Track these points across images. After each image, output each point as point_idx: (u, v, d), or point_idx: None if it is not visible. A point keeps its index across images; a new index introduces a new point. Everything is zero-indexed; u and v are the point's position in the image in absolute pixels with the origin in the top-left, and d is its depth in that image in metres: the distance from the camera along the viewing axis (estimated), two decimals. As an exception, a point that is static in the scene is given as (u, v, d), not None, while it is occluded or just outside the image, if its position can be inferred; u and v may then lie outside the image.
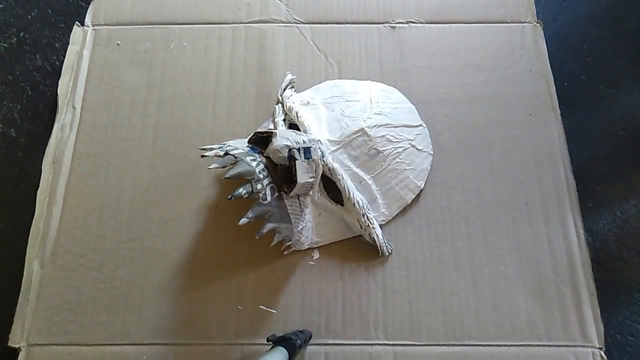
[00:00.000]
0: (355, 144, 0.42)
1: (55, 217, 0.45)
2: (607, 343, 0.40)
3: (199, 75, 0.51)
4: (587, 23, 0.55)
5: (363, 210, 0.41)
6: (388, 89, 0.48)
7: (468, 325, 0.41)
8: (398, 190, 0.43)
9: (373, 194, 0.42)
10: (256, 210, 0.32)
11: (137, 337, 0.40)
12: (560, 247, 0.43)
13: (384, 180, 0.43)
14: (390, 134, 0.43)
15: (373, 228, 0.41)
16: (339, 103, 0.45)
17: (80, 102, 0.50)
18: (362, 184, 0.42)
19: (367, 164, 0.42)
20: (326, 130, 0.44)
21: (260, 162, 0.33)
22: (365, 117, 0.43)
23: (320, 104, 0.46)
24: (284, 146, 0.33)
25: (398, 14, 0.53)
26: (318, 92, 0.48)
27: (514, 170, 0.46)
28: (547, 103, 0.49)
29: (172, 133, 0.48)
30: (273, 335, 0.38)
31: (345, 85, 0.48)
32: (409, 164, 0.44)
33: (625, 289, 0.44)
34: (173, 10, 0.54)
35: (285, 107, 0.46)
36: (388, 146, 0.43)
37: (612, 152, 0.49)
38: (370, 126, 0.42)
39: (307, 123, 0.43)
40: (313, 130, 0.43)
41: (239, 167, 0.32)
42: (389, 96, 0.47)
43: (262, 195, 0.33)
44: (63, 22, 0.55)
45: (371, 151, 0.42)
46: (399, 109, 0.46)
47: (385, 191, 0.43)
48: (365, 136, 0.42)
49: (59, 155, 0.47)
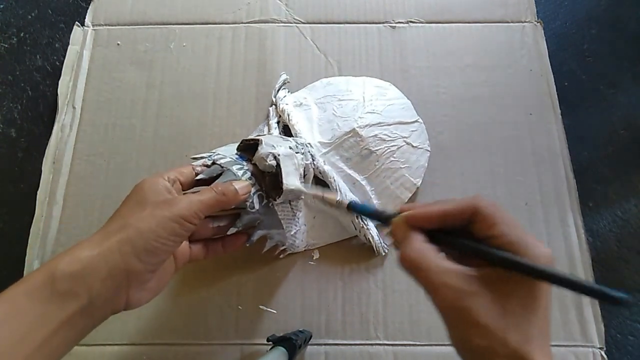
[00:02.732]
0: (346, 145, 0.42)
1: (55, 217, 0.45)
2: (608, 343, 0.40)
3: (199, 75, 0.51)
4: (587, 23, 0.55)
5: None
6: (383, 84, 0.48)
7: (468, 325, 0.41)
8: (394, 189, 0.43)
9: (367, 194, 0.42)
10: (244, 219, 0.32)
11: (137, 337, 0.40)
12: (560, 247, 0.43)
13: (378, 180, 0.42)
14: (383, 133, 0.42)
15: (368, 229, 0.41)
16: (331, 103, 0.44)
17: (80, 102, 0.50)
18: (355, 185, 0.42)
19: (359, 164, 0.42)
20: (317, 132, 0.43)
21: (247, 171, 0.33)
22: (357, 116, 0.42)
23: (313, 104, 0.46)
24: (269, 154, 0.33)
25: (398, 13, 0.53)
26: (312, 91, 0.47)
27: (514, 170, 0.46)
28: (547, 103, 0.49)
29: (172, 133, 0.48)
30: (273, 335, 0.38)
31: (340, 83, 0.47)
32: (404, 162, 0.43)
33: (626, 289, 0.44)
34: (173, 10, 0.54)
35: (278, 109, 0.46)
36: (381, 145, 0.42)
37: (612, 152, 0.49)
38: (361, 126, 0.41)
39: (298, 126, 0.43)
40: (304, 133, 0.43)
41: (224, 177, 0.31)
42: (383, 92, 0.46)
43: (250, 203, 0.32)
44: (63, 22, 0.55)
45: (363, 151, 0.41)
46: (394, 105, 0.45)
47: (380, 191, 0.42)
48: (357, 137, 0.41)
49: (59, 155, 0.47)
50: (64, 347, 0.23)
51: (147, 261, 0.25)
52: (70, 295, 0.22)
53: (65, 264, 0.23)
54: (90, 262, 0.23)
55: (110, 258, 0.24)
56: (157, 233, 0.25)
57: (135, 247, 0.24)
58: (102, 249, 0.24)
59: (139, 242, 0.24)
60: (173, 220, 0.25)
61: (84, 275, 0.23)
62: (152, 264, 0.25)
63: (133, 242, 0.24)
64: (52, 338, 0.22)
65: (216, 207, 0.28)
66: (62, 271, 0.23)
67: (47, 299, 0.22)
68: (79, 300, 0.23)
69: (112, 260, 0.24)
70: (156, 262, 0.25)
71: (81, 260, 0.23)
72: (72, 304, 0.22)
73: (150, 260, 0.25)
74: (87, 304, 0.23)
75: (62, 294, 0.22)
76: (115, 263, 0.24)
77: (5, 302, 0.22)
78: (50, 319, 0.22)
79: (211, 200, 0.28)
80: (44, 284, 0.22)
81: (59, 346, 0.22)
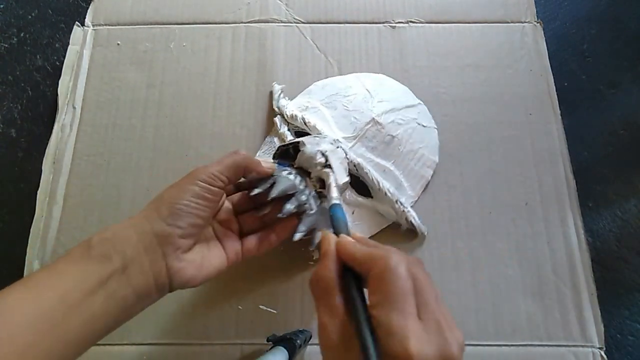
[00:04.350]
0: (369, 135, 0.42)
1: (55, 217, 0.45)
2: (607, 343, 0.40)
3: (199, 75, 0.51)
4: (587, 23, 0.55)
5: (395, 197, 0.41)
6: (376, 76, 0.48)
7: (468, 325, 0.41)
8: (418, 169, 0.44)
9: (398, 178, 0.43)
10: (306, 222, 0.32)
11: (137, 337, 0.40)
12: (560, 247, 0.43)
13: (404, 163, 0.43)
14: (398, 118, 0.43)
15: (408, 212, 0.42)
16: (338, 100, 0.45)
17: (80, 102, 0.50)
18: (385, 172, 0.42)
19: (385, 151, 0.43)
20: (336, 128, 0.43)
21: (296, 175, 0.33)
22: (371, 107, 0.43)
23: (320, 106, 0.46)
24: (316, 151, 0.33)
25: (398, 13, 0.53)
26: (311, 95, 0.47)
27: (514, 170, 0.46)
28: (547, 103, 0.49)
29: (172, 133, 0.48)
30: (273, 335, 0.38)
31: (335, 82, 0.48)
32: (421, 142, 0.44)
33: (626, 289, 0.44)
34: (173, 10, 0.54)
35: (287, 116, 0.45)
36: (399, 129, 0.43)
37: (612, 152, 0.49)
38: (378, 114, 0.43)
39: (319, 126, 0.43)
40: (325, 131, 0.43)
41: (280, 184, 0.31)
42: (381, 83, 0.47)
43: (309, 205, 0.32)
44: (63, 22, 0.55)
45: (386, 138, 0.42)
46: (396, 92, 0.47)
47: (407, 173, 0.43)
48: (377, 125, 0.42)
49: (59, 155, 0.47)
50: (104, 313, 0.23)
51: (174, 224, 0.26)
52: (104, 258, 0.24)
53: (99, 233, 0.25)
54: (122, 230, 0.25)
55: (139, 225, 0.26)
56: (179, 196, 0.26)
57: (160, 213, 0.26)
58: (132, 220, 0.26)
59: (163, 207, 0.26)
60: (192, 184, 0.27)
61: (115, 241, 0.24)
62: (181, 227, 0.26)
63: (158, 209, 0.26)
64: (91, 298, 0.22)
65: (234, 167, 0.29)
66: (96, 239, 0.24)
67: (84, 263, 0.23)
68: (112, 262, 0.24)
69: (141, 226, 0.25)
70: (184, 226, 0.26)
71: (114, 230, 0.25)
72: (106, 265, 0.23)
73: (176, 223, 0.26)
74: (121, 267, 0.24)
75: (96, 257, 0.24)
76: (144, 228, 0.25)
77: (48, 269, 0.23)
78: (86, 279, 0.23)
79: (228, 160, 0.29)
80: (81, 252, 0.24)
81: (99, 311, 0.23)
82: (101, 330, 0.23)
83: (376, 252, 0.21)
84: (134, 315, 0.26)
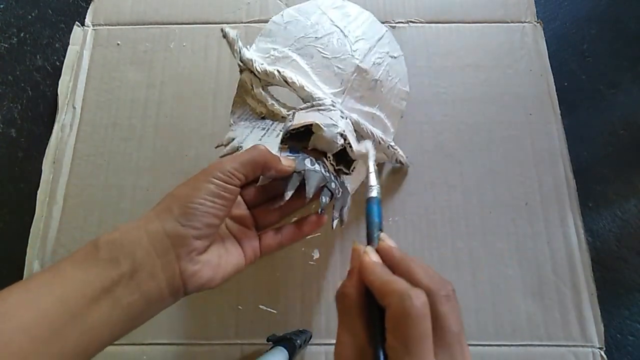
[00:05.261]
0: (356, 85, 0.38)
1: (55, 217, 0.45)
2: (607, 343, 0.40)
3: (199, 75, 0.51)
4: (587, 23, 0.55)
5: (387, 142, 0.40)
6: (337, 3, 0.42)
7: (468, 325, 0.41)
8: (395, 104, 0.41)
9: (383, 121, 0.40)
10: (337, 206, 0.31)
11: (137, 337, 0.41)
12: (560, 247, 0.43)
13: (386, 104, 0.41)
14: (375, 57, 0.39)
15: (397, 151, 0.42)
16: (312, 46, 0.39)
17: (80, 102, 0.50)
18: (374, 119, 0.39)
19: (371, 97, 0.39)
20: (321, 83, 0.38)
21: (315, 162, 0.30)
22: (350, 51, 0.38)
23: (290, 53, 0.39)
24: (336, 135, 0.30)
25: (398, 13, 0.53)
26: (275, 38, 0.40)
27: (514, 170, 0.46)
28: (547, 103, 0.49)
29: (172, 133, 0.48)
30: (273, 335, 0.38)
31: (298, 19, 0.40)
32: (395, 76, 0.41)
33: (626, 289, 0.44)
34: (173, 10, 0.54)
35: (257, 72, 0.38)
36: (380, 70, 0.39)
37: (612, 152, 0.49)
38: (361, 60, 0.38)
39: (300, 82, 0.37)
40: (310, 88, 0.37)
41: (312, 181, 0.29)
42: (346, 13, 0.41)
43: (337, 191, 0.31)
44: (63, 22, 0.55)
45: (371, 84, 0.39)
46: (364, 23, 0.41)
47: (389, 113, 0.41)
48: (362, 73, 0.38)
49: (59, 155, 0.47)
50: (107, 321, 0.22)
51: (188, 225, 0.24)
52: (112, 261, 0.22)
53: (107, 234, 0.23)
54: (131, 231, 0.23)
55: (150, 225, 0.23)
56: (193, 195, 0.24)
57: (173, 212, 0.24)
58: (143, 220, 0.24)
59: (176, 207, 0.24)
60: (206, 181, 0.25)
61: (124, 242, 0.23)
62: (195, 227, 0.24)
63: (171, 209, 0.24)
64: (93, 305, 0.21)
65: (252, 165, 0.27)
66: (104, 240, 0.23)
67: (88, 266, 0.22)
68: (120, 266, 0.22)
69: (152, 227, 0.23)
70: (200, 227, 0.24)
71: (123, 230, 0.23)
72: (113, 270, 0.22)
73: (191, 223, 0.24)
74: (129, 271, 0.22)
75: (102, 261, 0.22)
76: (156, 229, 0.23)
77: (51, 270, 0.22)
78: (90, 284, 0.21)
79: (244, 156, 0.27)
80: (87, 254, 0.22)
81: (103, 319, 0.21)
82: (104, 339, 0.22)
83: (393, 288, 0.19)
84: (144, 321, 0.24)
